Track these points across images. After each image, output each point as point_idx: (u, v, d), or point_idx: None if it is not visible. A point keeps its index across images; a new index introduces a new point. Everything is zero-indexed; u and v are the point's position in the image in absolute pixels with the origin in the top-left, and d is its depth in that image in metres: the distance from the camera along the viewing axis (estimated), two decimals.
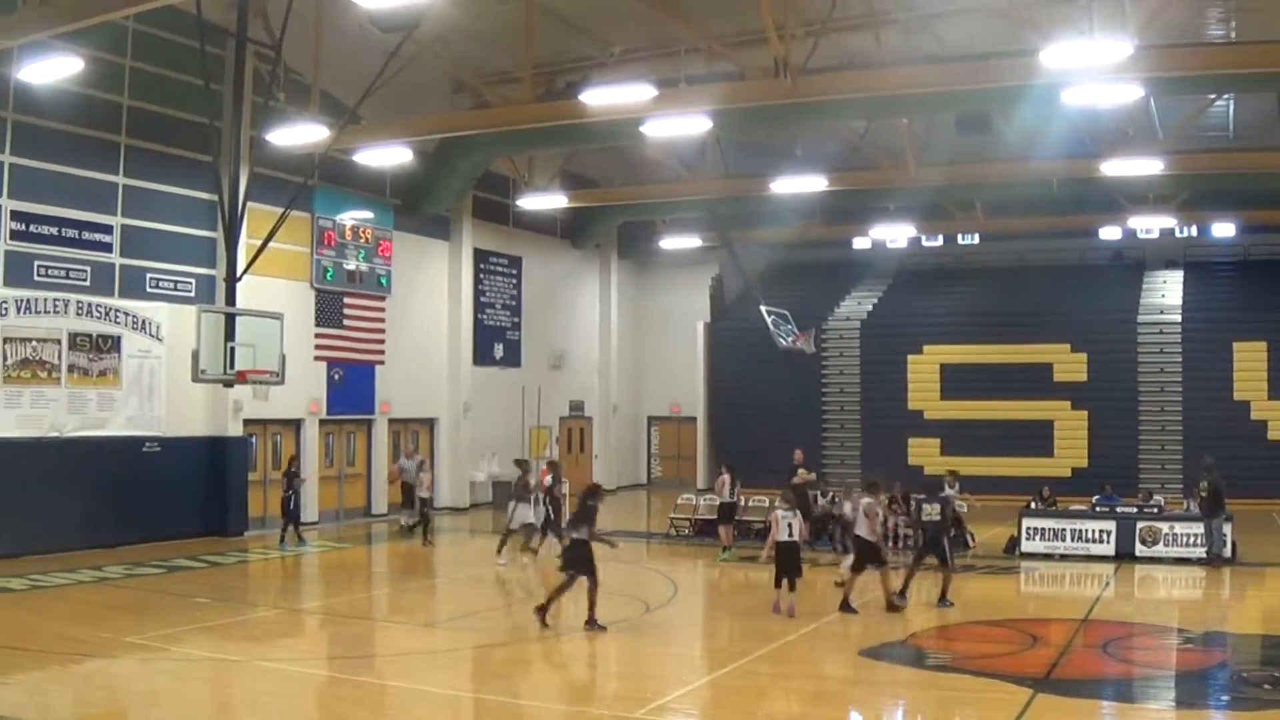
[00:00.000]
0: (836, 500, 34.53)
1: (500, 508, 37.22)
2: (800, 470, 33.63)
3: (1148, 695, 17.26)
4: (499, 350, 46.62)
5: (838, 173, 39.08)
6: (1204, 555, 29.24)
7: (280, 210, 31.75)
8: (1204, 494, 29.69)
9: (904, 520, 32.61)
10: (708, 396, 54.86)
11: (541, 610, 21.45)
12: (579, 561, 21.64)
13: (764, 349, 47.65)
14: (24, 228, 29.70)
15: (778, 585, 23.04)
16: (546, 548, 31.20)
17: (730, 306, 56.17)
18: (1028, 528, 31.28)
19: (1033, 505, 32.72)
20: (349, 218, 39.10)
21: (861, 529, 23.44)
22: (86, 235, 31.10)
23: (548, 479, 32.77)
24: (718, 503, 33.23)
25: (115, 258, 31.82)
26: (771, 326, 45.95)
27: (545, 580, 25.77)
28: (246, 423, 35.12)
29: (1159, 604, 25.87)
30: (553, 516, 32.29)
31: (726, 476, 32.54)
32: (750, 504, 33.97)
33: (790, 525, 23.11)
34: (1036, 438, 47.46)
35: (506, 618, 24.78)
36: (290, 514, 32.66)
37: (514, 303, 47.82)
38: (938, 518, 25.36)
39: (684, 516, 36.71)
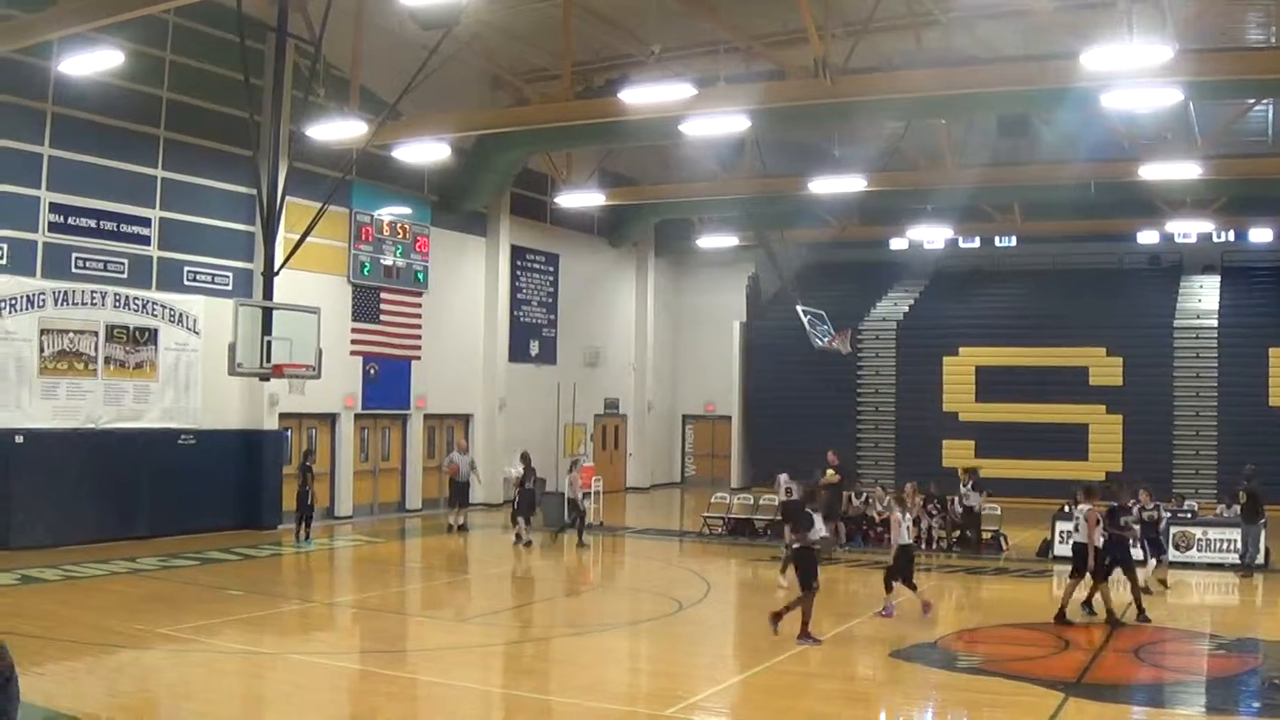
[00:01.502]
0: (870, 501, 34.61)
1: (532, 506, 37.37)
2: (829, 471, 33.59)
3: (1178, 700, 17.20)
4: (535, 347, 46.65)
5: (875, 173, 38.99)
6: (1238, 561, 29.15)
7: (318, 205, 31.76)
8: (1243, 501, 29.57)
9: (938, 521, 32.65)
10: (742, 396, 54.82)
11: (777, 617, 20.96)
12: (807, 571, 21.05)
13: (800, 349, 47.60)
14: (62, 220, 29.80)
15: (889, 589, 23.01)
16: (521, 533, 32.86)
17: (766, 306, 56.06)
18: (1061, 531, 31.14)
19: (1066, 509, 32.54)
20: (387, 213, 39.14)
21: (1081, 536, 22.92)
22: (125, 228, 31.22)
23: (513, 471, 33.71)
24: (777, 502, 33.22)
25: (153, 250, 31.91)
26: (807, 326, 45.91)
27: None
28: (282, 417, 35.21)
29: (1191, 609, 25.75)
30: (517, 506, 34.15)
31: (784, 476, 32.57)
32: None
33: (907, 529, 23.11)
34: (1071, 441, 47.33)
35: (539, 614, 24.80)
36: (306, 509, 32.63)
37: (550, 300, 47.86)
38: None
39: (717, 515, 36.68)
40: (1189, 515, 31.52)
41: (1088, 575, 22.51)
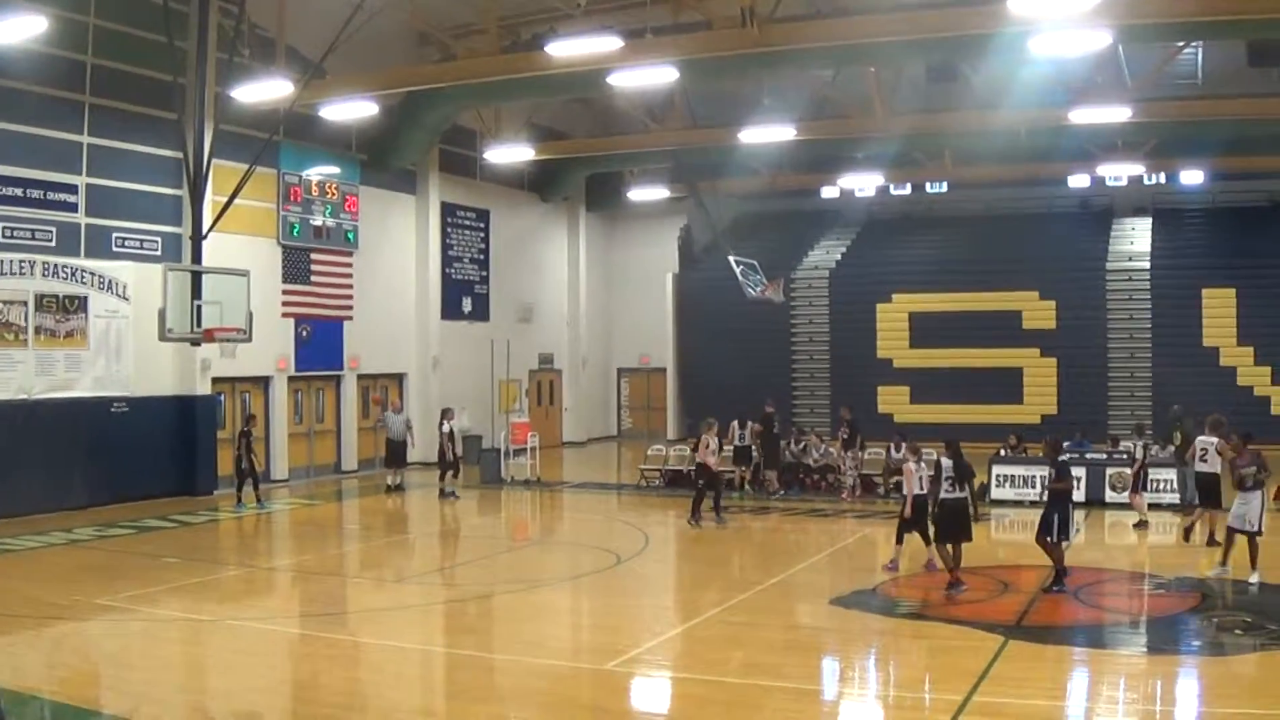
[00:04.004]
0: (807, 449, 34.75)
1: (470, 461, 37.24)
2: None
3: (1119, 641, 17.33)
4: (467, 304, 46.51)
5: (806, 122, 38.99)
6: (1176, 502, 29.40)
7: (246, 167, 31.59)
8: (1177, 443, 29.75)
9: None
10: (677, 347, 54.91)
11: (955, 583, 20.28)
12: (958, 525, 20.67)
13: (733, 299, 47.60)
14: None
15: (899, 541, 22.29)
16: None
17: (699, 257, 56.07)
18: (997, 475, 31.38)
19: (1002, 453, 32.76)
20: (315, 173, 38.84)
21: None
22: (51, 195, 30.81)
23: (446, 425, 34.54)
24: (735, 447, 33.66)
25: (81, 217, 31.52)
26: (740, 276, 45.87)
27: None
28: (215, 381, 34.95)
29: (1129, 550, 25.94)
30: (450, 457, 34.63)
31: (736, 423, 33.30)
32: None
33: (921, 479, 21.94)
34: (1006, 385, 47.61)
35: (478, 571, 24.78)
36: (245, 473, 32.41)
37: (482, 256, 47.68)
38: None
39: (654, 468, 36.80)
40: (1124, 457, 31.61)
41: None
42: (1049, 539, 20.25)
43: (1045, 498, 20.95)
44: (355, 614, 20.50)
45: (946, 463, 20.61)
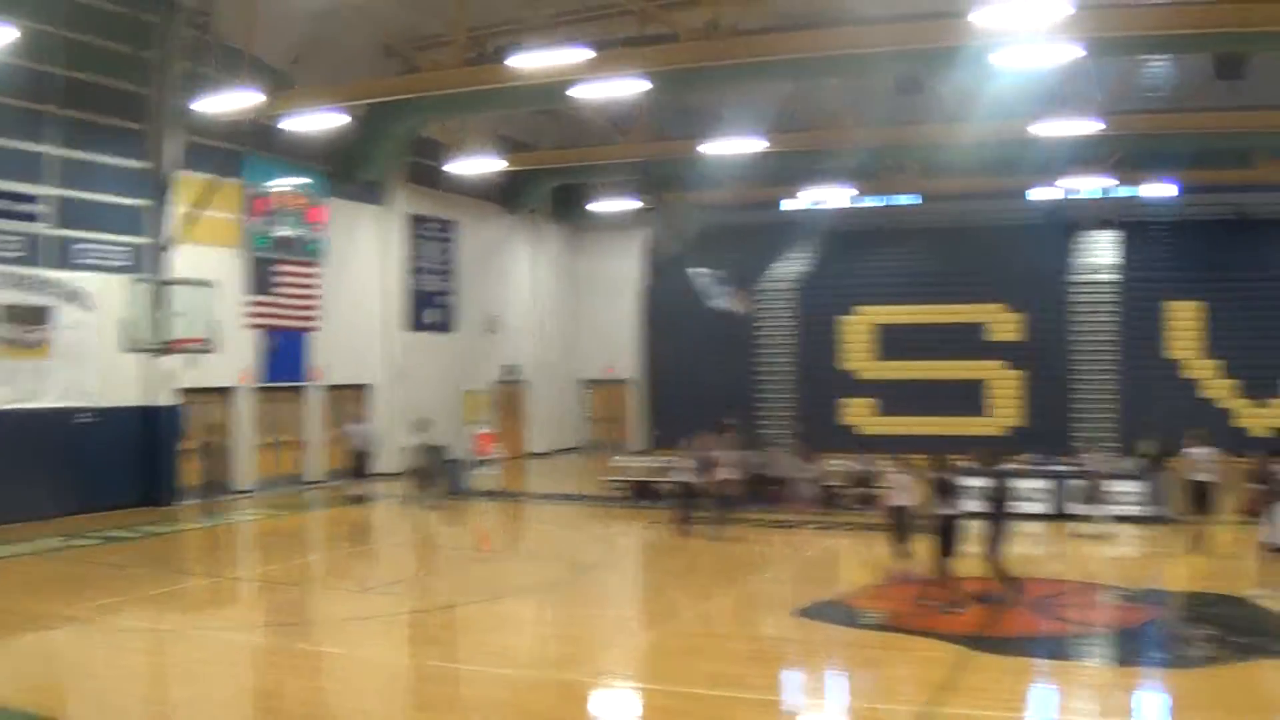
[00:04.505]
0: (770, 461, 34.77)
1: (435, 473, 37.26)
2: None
3: (1081, 652, 17.42)
4: (433, 315, 46.48)
5: (771, 134, 39.06)
6: (1138, 513, 29.55)
7: (212, 178, 31.59)
8: (1150, 454, 29.90)
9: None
10: (643, 359, 54.90)
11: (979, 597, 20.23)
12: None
13: (698, 311, 47.75)
14: None
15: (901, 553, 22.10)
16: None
17: (665, 268, 55.99)
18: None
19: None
20: (281, 185, 38.76)
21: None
22: (17, 206, 30.70)
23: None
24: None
25: (46, 229, 31.46)
26: (706, 288, 45.98)
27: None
28: (180, 392, 34.90)
29: (1093, 561, 26.06)
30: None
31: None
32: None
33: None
34: (971, 397, 47.75)
35: (443, 582, 24.81)
36: (213, 485, 32.40)
37: (448, 268, 47.66)
38: None
39: (617, 479, 36.75)
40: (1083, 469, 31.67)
41: None
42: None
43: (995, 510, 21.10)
44: (319, 624, 20.54)
45: (939, 478, 20.57)
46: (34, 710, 14.49)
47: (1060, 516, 29.96)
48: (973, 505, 21.13)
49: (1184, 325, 46.43)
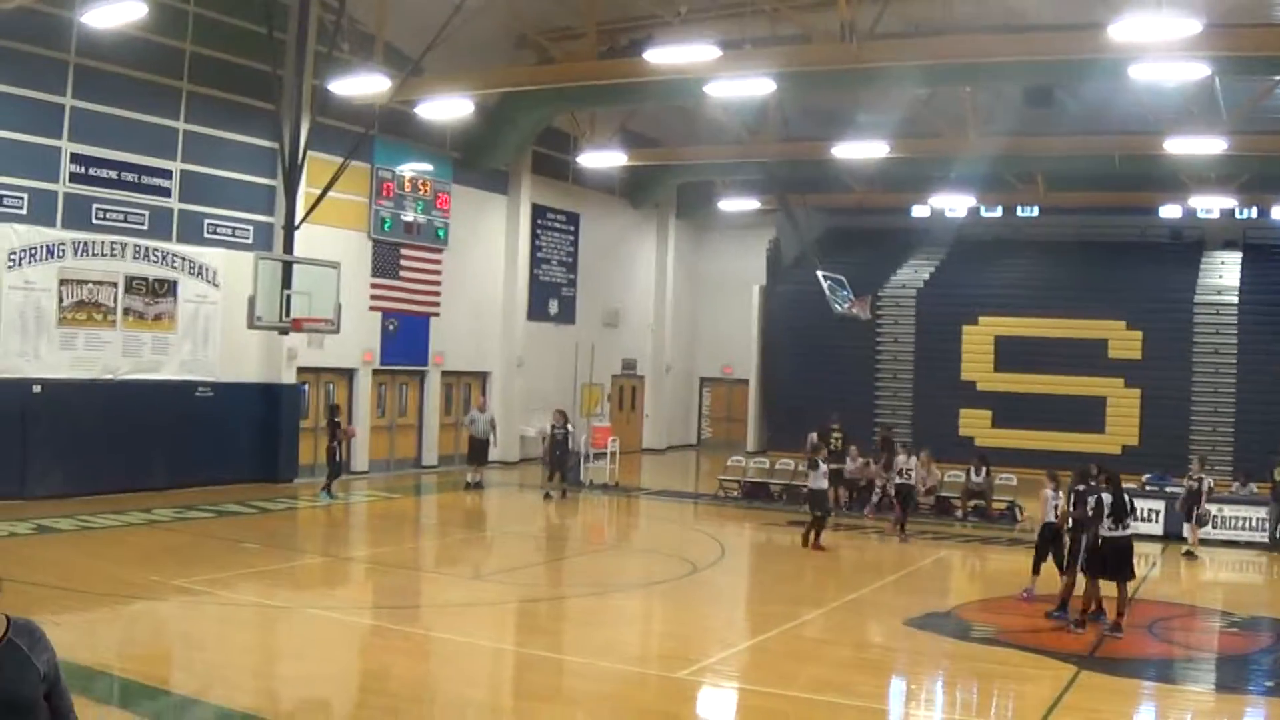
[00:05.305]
0: (870, 465, 34.56)
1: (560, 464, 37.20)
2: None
3: (1190, 677, 17.22)
4: (554, 306, 46.61)
5: (898, 139, 38.84)
6: (1265, 539, 29.14)
7: (340, 160, 31.80)
8: (1278, 479, 29.53)
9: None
10: (760, 360, 54.75)
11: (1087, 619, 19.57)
12: (1122, 562, 19.61)
13: (819, 314, 47.47)
14: (84, 171, 29.66)
15: (1036, 571, 21.74)
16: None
17: (786, 270, 55.82)
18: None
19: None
20: (408, 169, 39.03)
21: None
22: (146, 180, 31.08)
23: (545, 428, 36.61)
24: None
25: (174, 203, 31.81)
26: (827, 292, 45.76)
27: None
28: (300, 371, 35.23)
29: (1205, 586, 25.75)
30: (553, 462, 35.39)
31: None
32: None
33: (1055, 507, 21.43)
34: (1088, 414, 47.16)
35: (554, 572, 24.88)
36: (336, 464, 32.68)
37: (570, 259, 47.81)
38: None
39: (733, 479, 36.67)
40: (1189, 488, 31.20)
41: None
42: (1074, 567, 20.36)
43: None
44: (428, 608, 20.61)
45: (1107, 498, 19.62)
46: (140, 678, 14.65)
47: (1173, 538, 29.59)
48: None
49: None
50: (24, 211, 28.42)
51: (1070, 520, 20.71)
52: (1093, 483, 20.68)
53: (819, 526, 26.75)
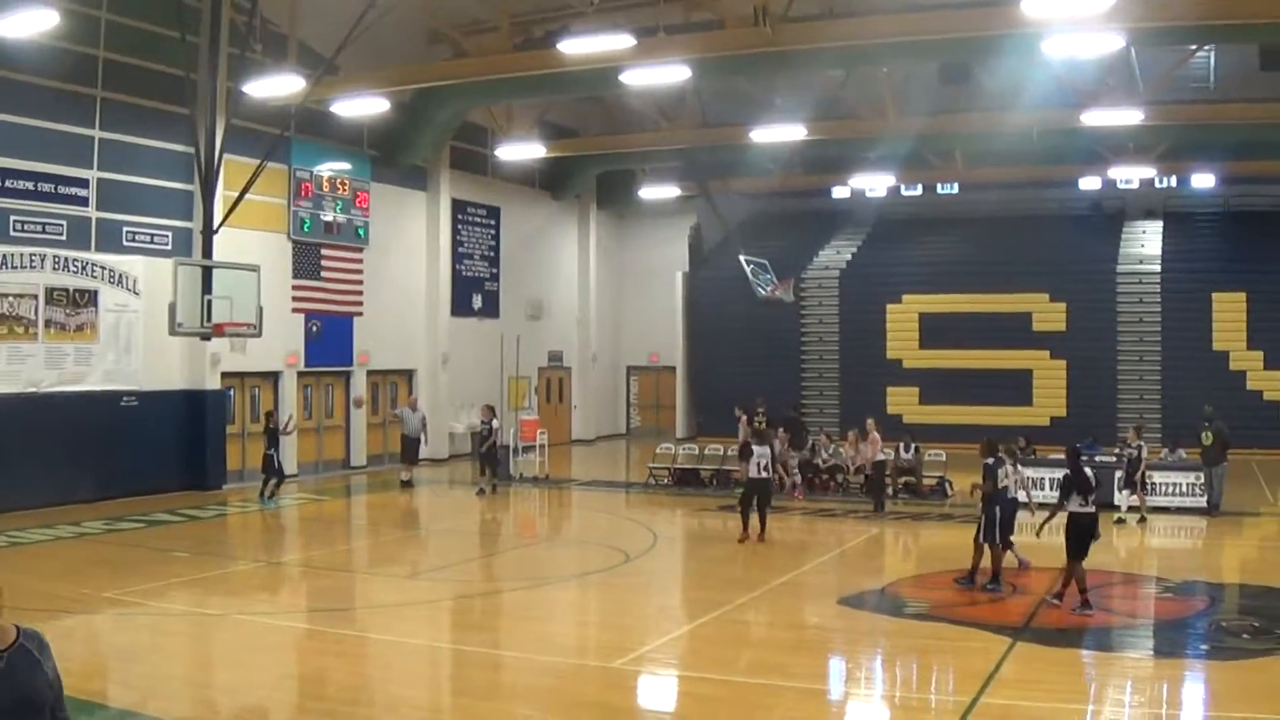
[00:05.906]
0: (816, 449, 34.70)
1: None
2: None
3: (1126, 644, 17.34)
4: (478, 301, 46.50)
5: (817, 122, 38.93)
6: (1199, 504, 29.40)
7: (257, 162, 31.63)
8: (1208, 443, 29.76)
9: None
10: (686, 346, 54.86)
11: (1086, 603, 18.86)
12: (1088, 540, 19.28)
13: (743, 298, 47.68)
14: (0, 183, 29.48)
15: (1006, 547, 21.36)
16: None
17: (709, 256, 56.00)
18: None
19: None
20: (326, 169, 38.83)
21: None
22: (62, 189, 30.77)
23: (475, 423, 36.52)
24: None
25: (92, 212, 31.51)
26: (750, 276, 45.93)
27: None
28: (224, 375, 34.98)
29: (1138, 553, 25.93)
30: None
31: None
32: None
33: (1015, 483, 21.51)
34: (1015, 387, 47.50)
35: (487, 568, 24.84)
36: (273, 470, 32.49)
37: (492, 253, 47.69)
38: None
39: (663, 466, 36.70)
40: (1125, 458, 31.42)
41: None
42: (979, 539, 20.66)
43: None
44: (364, 609, 20.52)
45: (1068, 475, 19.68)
46: (76, 694, 14.50)
47: (1105, 507, 29.76)
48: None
49: (1229, 316, 46.01)
50: None
51: (980, 493, 20.86)
52: (1001, 455, 20.91)
53: (762, 515, 26.37)
